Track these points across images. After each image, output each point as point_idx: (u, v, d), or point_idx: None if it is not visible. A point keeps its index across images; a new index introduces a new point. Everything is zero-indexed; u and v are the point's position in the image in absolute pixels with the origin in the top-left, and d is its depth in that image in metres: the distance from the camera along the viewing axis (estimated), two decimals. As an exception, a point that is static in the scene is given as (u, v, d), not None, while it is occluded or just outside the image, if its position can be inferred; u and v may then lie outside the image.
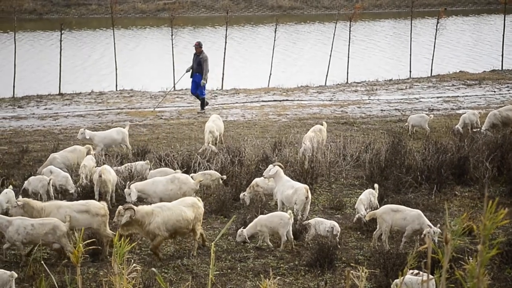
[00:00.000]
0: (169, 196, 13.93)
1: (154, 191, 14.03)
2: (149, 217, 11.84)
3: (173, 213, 11.97)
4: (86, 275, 11.23)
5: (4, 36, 48.01)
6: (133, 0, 61.13)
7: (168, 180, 14.17)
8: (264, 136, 21.38)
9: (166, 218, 11.87)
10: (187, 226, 12.07)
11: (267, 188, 14.84)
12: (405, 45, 40.20)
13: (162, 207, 12.12)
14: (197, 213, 12.19)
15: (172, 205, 12.22)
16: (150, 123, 24.23)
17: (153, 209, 12.01)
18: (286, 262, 12.10)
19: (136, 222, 11.78)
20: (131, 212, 11.72)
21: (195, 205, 12.25)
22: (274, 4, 62.77)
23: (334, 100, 28.90)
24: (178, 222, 11.93)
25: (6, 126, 23.88)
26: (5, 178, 15.85)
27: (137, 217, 11.75)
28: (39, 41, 47.16)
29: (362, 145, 18.47)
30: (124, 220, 11.65)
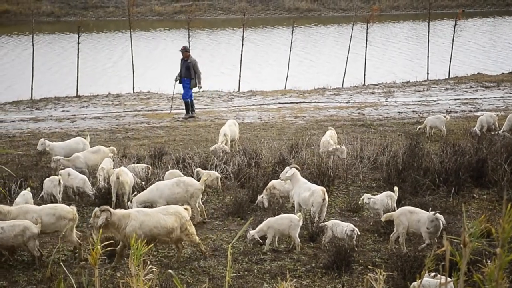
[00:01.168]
0: (175, 199, 13.88)
1: (159, 196, 13.90)
2: (125, 220, 11.69)
3: (150, 219, 11.75)
4: (103, 277, 11.25)
5: (22, 39, 48.29)
6: (150, 3, 61.33)
7: (173, 183, 14.05)
8: (281, 138, 21.36)
9: (143, 223, 11.67)
10: (167, 234, 11.76)
11: (284, 190, 14.82)
12: (423, 47, 40.07)
13: (140, 212, 11.95)
14: (180, 223, 11.83)
15: (151, 211, 12.05)
16: (167, 125, 24.28)
17: (130, 213, 11.87)
18: (303, 264, 12.06)
19: (112, 225, 11.66)
20: (107, 214, 11.62)
21: (177, 214, 11.93)
22: (291, 6, 62.75)
23: (351, 102, 28.83)
24: (155, 228, 11.67)
25: (24, 128, 24.00)
26: (23, 179, 15.91)
27: (113, 219, 11.64)
28: (57, 44, 47.40)
29: (379, 147, 18.41)
30: (100, 222, 11.54)
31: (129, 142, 21.50)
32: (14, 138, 22.32)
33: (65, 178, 15.36)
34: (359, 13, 42.28)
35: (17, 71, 36.94)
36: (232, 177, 16.44)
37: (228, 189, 15.91)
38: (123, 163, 17.03)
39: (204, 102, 29.10)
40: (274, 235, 12.68)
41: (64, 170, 15.69)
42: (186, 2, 60.88)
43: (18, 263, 11.96)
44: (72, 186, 15.36)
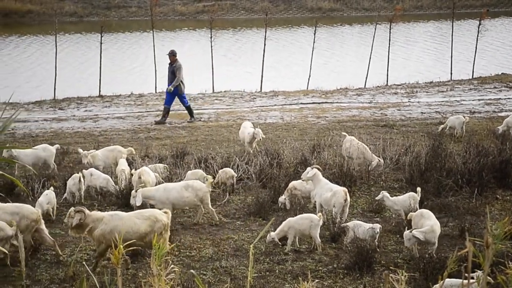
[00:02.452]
0: (184, 203, 13.88)
1: (167, 197, 13.83)
2: (98, 223, 11.63)
3: (123, 223, 11.62)
4: (125, 276, 11.29)
5: (46, 39, 48.62)
6: (173, 3, 61.52)
7: (182, 187, 13.97)
8: (303, 139, 21.32)
9: (115, 228, 11.54)
10: (139, 239, 11.57)
11: (305, 191, 14.79)
12: (446, 47, 39.83)
13: (114, 216, 11.84)
14: (155, 227, 11.62)
15: (125, 215, 11.92)
16: (189, 125, 24.34)
17: (104, 216, 11.78)
18: (324, 265, 12.03)
19: (85, 226, 11.62)
20: (82, 215, 11.58)
21: (152, 218, 11.73)
22: (313, 6, 62.69)
23: (373, 102, 28.74)
24: (127, 233, 11.48)
25: (47, 127, 24.15)
26: (46, 179, 16.01)
27: (86, 221, 11.59)
28: (80, 44, 47.67)
29: (401, 148, 18.32)
30: (75, 222, 11.53)
31: (151, 142, 21.57)
32: (37, 137, 22.47)
33: (88, 178, 15.43)
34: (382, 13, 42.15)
35: (40, 71, 37.21)
36: (253, 177, 16.43)
37: (249, 190, 15.91)
38: (144, 163, 17.08)
39: (226, 102, 29.13)
40: (295, 235, 12.66)
41: (87, 170, 15.76)
42: (209, 2, 61.00)
43: (41, 262, 12.03)
44: (95, 185, 15.42)
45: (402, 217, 13.79)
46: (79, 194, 15.09)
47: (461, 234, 13.15)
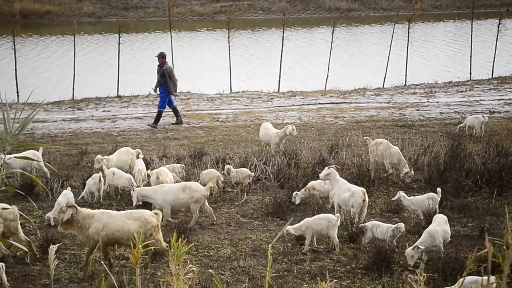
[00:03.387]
0: (180, 204, 13.82)
1: (164, 199, 13.81)
2: (89, 220, 11.59)
3: (114, 222, 11.59)
4: (144, 276, 11.31)
5: (64, 40, 48.84)
6: (191, 3, 61.63)
7: (179, 188, 13.91)
8: (321, 139, 21.28)
9: (106, 225, 11.54)
10: (129, 239, 11.35)
11: (324, 190, 14.76)
12: (465, 47, 39.64)
13: (105, 214, 11.81)
14: (145, 228, 11.53)
15: (116, 214, 11.91)
16: (207, 125, 24.35)
17: (95, 214, 11.74)
18: (342, 265, 12.00)
19: (76, 223, 11.58)
20: (73, 210, 11.55)
21: (141, 219, 11.67)
22: (331, 6, 62.58)
23: (392, 102, 28.64)
24: (118, 232, 11.51)
25: (65, 128, 24.26)
26: (65, 179, 16.07)
27: (78, 217, 11.55)
28: (98, 44, 47.85)
29: (420, 148, 18.23)
30: (66, 217, 11.49)
31: (169, 142, 21.60)
32: (56, 137, 22.58)
33: (110, 177, 15.46)
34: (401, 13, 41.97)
35: (59, 72, 37.38)
36: (271, 178, 16.41)
37: (267, 190, 15.89)
38: (162, 163, 17.11)
39: (244, 102, 29.13)
40: (312, 235, 12.63)
41: (109, 170, 15.78)
42: (226, 2, 61.06)
43: (60, 261, 12.07)
44: (117, 185, 15.43)
45: (421, 217, 13.72)
46: (99, 194, 15.14)
47: (480, 234, 13.08)
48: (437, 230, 11.85)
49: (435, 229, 11.85)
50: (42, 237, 12.54)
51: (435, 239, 11.73)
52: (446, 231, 12.09)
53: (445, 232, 12.05)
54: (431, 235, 11.75)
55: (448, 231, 12.15)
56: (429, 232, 11.80)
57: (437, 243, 11.73)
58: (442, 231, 11.93)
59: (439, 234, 11.81)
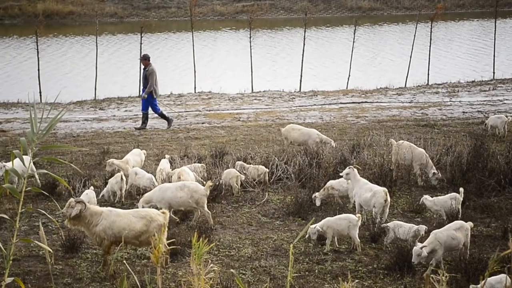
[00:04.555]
0: (178, 203, 13.76)
1: (162, 197, 13.78)
2: (97, 217, 11.56)
3: (121, 220, 11.56)
4: (165, 275, 11.32)
5: (86, 40, 49.09)
6: (212, 3, 61.72)
7: (177, 187, 13.87)
8: (342, 138, 21.21)
9: (113, 223, 11.51)
10: (135, 237, 11.54)
11: (343, 190, 14.72)
12: (489, 46, 39.39)
13: (112, 212, 11.77)
14: (150, 227, 11.53)
15: (122, 212, 11.87)
16: (228, 125, 24.36)
17: (103, 211, 11.71)
18: (364, 265, 11.94)
19: (83, 219, 11.54)
20: (82, 206, 11.51)
21: (147, 218, 11.63)
22: (353, 5, 62.42)
23: (414, 102, 28.50)
24: (124, 230, 11.47)
25: (88, 127, 24.36)
26: (87, 178, 16.13)
27: (85, 213, 11.51)
28: (120, 44, 48.04)
29: (443, 148, 18.12)
30: (74, 213, 11.43)
31: (190, 141, 21.62)
32: (78, 137, 22.68)
33: (132, 177, 15.51)
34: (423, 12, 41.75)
35: (81, 72, 37.58)
36: (293, 177, 16.37)
37: (289, 189, 15.85)
38: (184, 162, 17.13)
39: (265, 102, 29.11)
40: (333, 235, 12.58)
41: (131, 170, 15.83)
42: (248, 2, 61.08)
43: (82, 260, 12.12)
44: (138, 185, 15.47)
45: (443, 217, 13.62)
46: (121, 193, 15.19)
47: (503, 234, 12.96)
48: (443, 234, 11.61)
49: (442, 233, 11.64)
50: (65, 236, 12.59)
51: (440, 244, 11.47)
52: (455, 237, 11.64)
53: (453, 238, 11.61)
54: (437, 238, 11.55)
55: (457, 237, 11.66)
56: (435, 234, 11.62)
57: (438, 247, 11.44)
58: (448, 237, 11.61)
59: (443, 239, 11.54)
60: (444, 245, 11.47)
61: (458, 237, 11.65)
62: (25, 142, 6.24)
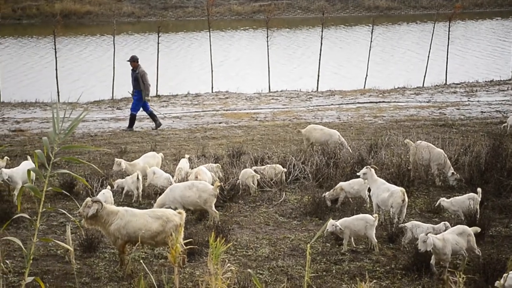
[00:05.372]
0: (187, 203, 13.78)
1: (173, 197, 13.83)
2: (113, 216, 11.59)
3: (137, 220, 11.56)
4: (182, 275, 11.33)
5: (104, 39, 49.25)
6: (229, 2, 61.78)
7: (186, 186, 13.93)
8: (360, 138, 21.15)
9: (128, 223, 11.52)
10: (151, 237, 11.53)
11: (352, 192, 14.68)
12: (507, 45, 39.17)
13: (128, 211, 11.77)
14: (166, 227, 11.51)
15: (139, 212, 11.86)
16: (245, 124, 24.36)
17: (119, 211, 11.73)
18: (382, 265, 11.89)
19: (100, 218, 11.57)
20: (99, 205, 11.53)
21: (163, 218, 11.61)
22: (370, 4, 62.26)
23: (432, 101, 28.39)
24: (139, 230, 11.47)
25: (105, 127, 24.44)
26: (105, 178, 16.19)
27: (102, 213, 11.55)
28: (137, 44, 48.16)
29: (461, 148, 18.03)
30: (91, 212, 11.47)
31: (207, 141, 21.64)
32: (96, 137, 22.76)
33: (150, 176, 15.54)
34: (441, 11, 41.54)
35: (99, 71, 37.71)
36: (310, 177, 16.34)
37: (306, 189, 15.83)
38: (201, 162, 17.14)
39: (283, 102, 29.09)
40: (350, 236, 12.55)
41: (150, 169, 15.85)
42: (265, 2, 61.07)
43: (99, 259, 12.16)
44: (156, 184, 15.48)
45: (461, 218, 13.55)
46: (137, 192, 15.23)
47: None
48: (449, 238, 11.43)
49: (448, 237, 11.51)
50: (82, 236, 12.63)
51: (446, 247, 11.29)
52: (457, 241, 11.39)
53: (456, 243, 11.37)
54: (446, 240, 11.41)
55: (460, 242, 11.40)
56: (444, 236, 11.50)
57: (445, 250, 11.25)
58: (454, 240, 11.39)
59: (449, 242, 11.31)
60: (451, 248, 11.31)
61: (460, 241, 11.43)
62: (47, 142, 6.26)
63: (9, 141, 21.97)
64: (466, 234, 11.52)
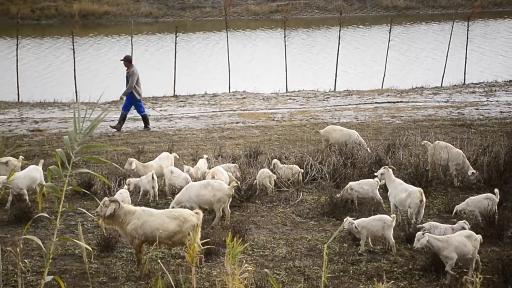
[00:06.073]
0: (202, 202, 13.81)
1: (189, 196, 13.86)
2: (130, 216, 11.61)
3: (154, 220, 11.57)
4: (199, 275, 11.34)
5: (122, 40, 49.42)
6: (247, 2, 61.80)
7: (201, 185, 13.95)
8: (377, 138, 21.09)
9: (145, 223, 11.54)
10: (168, 237, 11.52)
11: (362, 192, 14.63)
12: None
13: (145, 211, 11.79)
14: (183, 227, 11.51)
15: (156, 212, 11.87)
16: (262, 124, 24.35)
17: (136, 210, 11.76)
18: (399, 266, 11.85)
19: (117, 218, 11.61)
20: (116, 205, 11.57)
21: (180, 218, 11.61)
22: (388, 4, 62.07)
23: (450, 101, 28.26)
24: (157, 230, 11.48)
25: (123, 127, 24.50)
26: (122, 178, 16.23)
27: (119, 212, 11.58)
28: (155, 44, 48.29)
29: (479, 148, 17.92)
30: (109, 212, 11.51)
31: (224, 141, 21.65)
32: (113, 137, 22.83)
33: (168, 176, 15.54)
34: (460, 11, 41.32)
35: (116, 71, 37.83)
36: (327, 177, 16.31)
37: (323, 189, 15.80)
38: (218, 162, 17.15)
39: (300, 102, 29.06)
40: (367, 236, 12.51)
41: (167, 168, 15.85)
42: (282, 2, 61.03)
43: (117, 259, 12.19)
44: (174, 184, 15.49)
45: (479, 219, 13.46)
46: (153, 192, 15.24)
47: (542, 236, 12.78)
48: (453, 240, 11.27)
49: (452, 239, 11.31)
50: (100, 235, 12.68)
51: (448, 248, 11.12)
52: (466, 244, 11.16)
53: (465, 245, 11.14)
54: (448, 241, 11.27)
55: (468, 245, 11.16)
56: (449, 239, 11.38)
57: (445, 252, 11.11)
58: (460, 242, 11.16)
59: (452, 244, 11.15)
60: (456, 250, 11.15)
61: (468, 244, 11.23)
62: (68, 141, 6.28)
63: (27, 140, 22.08)
64: (473, 239, 11.32)
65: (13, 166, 15.46)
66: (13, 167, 15.36)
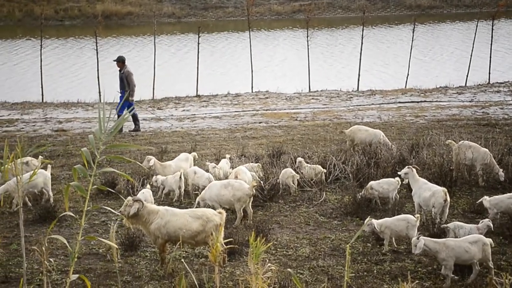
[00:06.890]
0: (222, 201, 13.84)
1: (210, 195, 13.94)
2: (153, 216, 11.65)
3: (177, 220, 11.60)
4: (223, 274, 11.34)
5: (145, 40, 49.59)
6: (269, 2, 61.78)
7: (222, 185, 13.99)
8: (401, 138, 20.99)
9: (168, 223, 11.56)
10: (192, 237, 11.55)
11: (382, 191, 14.57)
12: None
13: (169, 211, 11.82)
14: (206, 227, 11.54)
15: (179, 212, 11.89)
16: (285, 124, 24.32)
17: (159, 210, 11.79)
18: (424, 266, 11.77)
19: (141, 217, 11.65)
20: (140, 204, 11.62)
21: (203, 218, 11.64)
22: (412, 3, 61.77)
23: (474, 101, 28.07)
24: (180, 230, 11.51)
25: (146, 127, 24.59)
26: (145, 177, 16.28)
27: (143, 212, 11.63)
28: (177, 44, 48.41)
29: (504, 148, 17.77)
30: (132, 211, 11.55)
31: (247, 141, 21.65)
32: (136, 137, 22.91)
33: (191, 176, 15.56)
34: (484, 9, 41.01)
35: (140, 71, 37.96)
36: (350, 177, 16.25)
37: (346, 189, 15.74)
38: (241, 162, 17.15)
39: (323, 101, 29.00)
40: (391, 236, 12.45)
41: (190, 168, 15.87)
42: (305, 1, 60.95)
43: (141, 258, 12.22)
44: (197, 184, 15.50)
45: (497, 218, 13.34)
46: (179, 191, 15.27)
47: None
48: (452, 244, 11.04)
49: (450, 243, 11.10)
50: (124, 235, 12.72)
51: (447, 251, 10.96)
52: (468, 249, 10.93)
53: (467, 251, 10.91)
54: (446, 245, 11.13)
55: (471, 251, 10.93)
56: (447, 241, 11.21)
57: (442, 255, 10.94)
58: (460, 247, 10.94)
59: (450, 248, 10.94)
60: (454, 254, 10.92)
61: (472, 250, 10.97)
62: (93, 140, 6.31)
63: (51, 140, 22.22)
64: (481, 244, 11.03)
65: (33, 166, 15.56)
66: (34, 167, 15.46)
